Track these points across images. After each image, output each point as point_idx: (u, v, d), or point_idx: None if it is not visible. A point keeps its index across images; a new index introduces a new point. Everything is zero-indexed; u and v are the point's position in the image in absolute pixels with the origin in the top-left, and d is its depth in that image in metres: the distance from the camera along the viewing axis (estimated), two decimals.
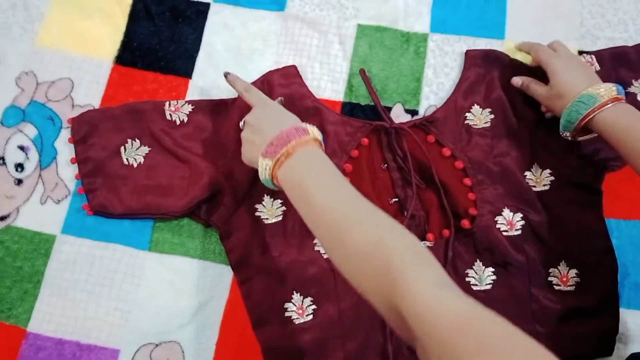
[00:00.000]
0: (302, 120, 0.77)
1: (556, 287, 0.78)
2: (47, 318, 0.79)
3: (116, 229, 0.82)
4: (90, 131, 0.83)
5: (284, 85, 0.87)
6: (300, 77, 0.88)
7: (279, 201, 0.80)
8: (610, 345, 0.77)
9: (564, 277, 0.79)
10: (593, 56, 0.89)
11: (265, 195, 0.81)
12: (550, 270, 0.79)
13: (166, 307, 0.79)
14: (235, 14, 0.94)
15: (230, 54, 0.90)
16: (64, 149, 0.86)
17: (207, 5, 0.94)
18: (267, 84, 0.87)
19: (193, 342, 0.78)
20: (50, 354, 0.77)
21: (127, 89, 0.87)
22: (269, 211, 0.80)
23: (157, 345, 0.78)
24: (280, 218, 0.80)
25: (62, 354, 0.77)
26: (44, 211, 0.83)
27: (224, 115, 0.85)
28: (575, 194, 0.81)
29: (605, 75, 0.85)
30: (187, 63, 0.91)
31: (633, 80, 0.87)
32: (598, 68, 0.88)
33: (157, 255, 0.81)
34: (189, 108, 0.85)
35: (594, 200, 0.82)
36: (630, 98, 0.86)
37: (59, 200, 0.83)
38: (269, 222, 0.80)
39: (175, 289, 0.80)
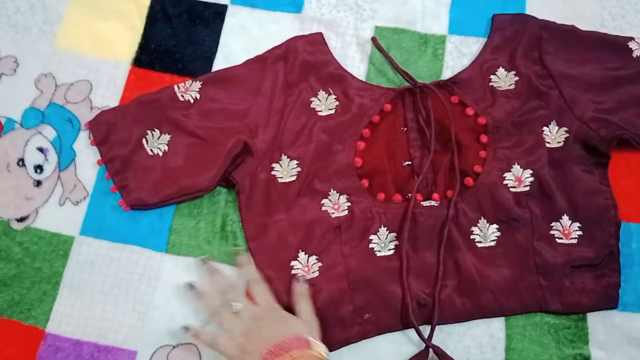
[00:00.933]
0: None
1: (558, 240, 0.80)
2: (65, 319, 0.79)
3: (134, 230, 0.82)
4: (109, 130, 0.84)
5: (309, 52, 0.88)
6: (326, 44, 0.90)
7: (295, 162, 0.82)
8: (615, 298, 0.78)
9: (565, 230, 0.80)
10: None
11: (283, 154, 0.83)
12: (553, 224, 0.80)
13: (182, 309, 0.79)
14: (252, 15, 0.94)
15: (247, 55, 0.90)
16: (83, 150, 0.86)
17: (225, 7, 0.94)
18: (292, 49, 0.88)
19: None
20: (69, 354, 0.78)
21: (144, 90, 0.87)
22: (285, 170, 0.82)
23: (174, 347, 0.78)
24: (294, 178, 0.82)
25: (80, 354, 0.78)
26: (62, 212, 0.83)
27: (235, 79, 0.87)
28: (584, 153, 0.83)
29: None
30: (204, 65, 0.91)
31: None
32: None
33: (173, 257, 0.82)
34: (198, 85, 0.86)
35: (601, 161, 0.83)
36: None
37: (77, 202, 0.84)
38: (283, 181, 0.82)
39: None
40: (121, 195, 0.82)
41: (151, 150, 0.83)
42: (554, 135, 0.83)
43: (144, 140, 0.84)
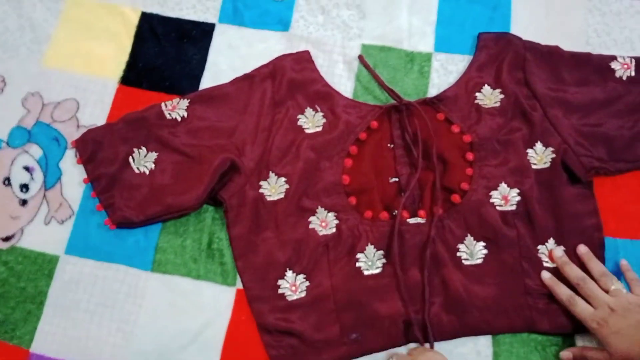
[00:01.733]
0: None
1: (545, 264, 0.79)
2: (50, 339, 0.79)
3: (119, 249, 0.82)
4: (95, 149, 0.84)
5: (296, 70, 0.89)
6: (313, 62, 0.90)
7: (283, 179, 0.82)
8: None
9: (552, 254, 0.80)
10: (633, 59, 0.89)
11: (271, 172, 0.82)
12: (539, 247, 0.80)
13: (168, 328, 0.79)
14: (240, 34, 0.94)
15: (235, 73, 0.90)
16: (69, 169, 0.86)
17: (213, 25, 0.95)
18: (279, 67, 0.88)
19: None
20: None
21: (132, 109, 0.87)
22: (273, 188, 0.82)
23: None
24: (282, 195, 0.82)
25: None
26: (48, 232, 0.83)
27: (222, 97, 0.87)
28: (570, 174, 0.83)
29: (638, 82, 0.87)
30: (192, 83, 0.91)
31: None
32: (633, 74, 0.88)
33: (159, 276, 0.81)
34: (185, 103, 0.87)
35: (587, 182, 0.83)
36: None
37: (62, 221, 0.83)
38: (271, 199, 0.82)
39: (177, 310, 0.80)
40: (107, 213, 0.82)
41: (138, 168, 0.83)
42: (540, 156, 0.83)
43: (130, 159, 0.84)
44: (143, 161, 0.84)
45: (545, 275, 0.78)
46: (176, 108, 0.86)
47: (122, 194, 0.82)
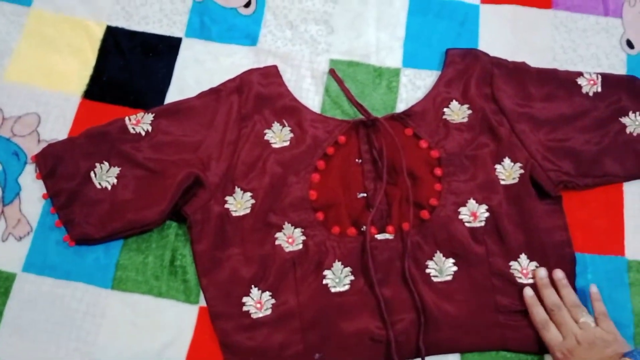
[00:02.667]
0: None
1: (518, 280, 0.79)
2: (7, 359, 0.76)
3: (78, 266, 0.80)
4: (56, 164, 0.82)
5: (263, 84, 0.88)
6: (281, 77, 0.89)
7: (249, 194, 0.81)
8: None
9: (524, 269, 0.79)
10: (599, 75, 0.89)
11: (236, 187, 0.81)
12: (511, 263, 0.79)
13: (128, 348, 0.77)
14: (207, 48, 0.93)
15: (201, 88, 0.89)
16: (28, 184, 0.84)
17: (179, 40, 0.94)
18: (246, 82, 0.87)
19: None
20: None
21: (94, 123, 0.86)
22: (238, 203, 0.81)
23: None
24: (247, 211, 0.80)
25: None
26: (5, 248, 0.81)
27: (188, 111, 0.86)
28: (539, 190, 0.83)
29: (604, 98, 0.88)
30: (157, 97, 0.90)
31: (630, 112, 0.88)
32: (599, 89, 0.88)
33: (119, 294, 0.79)
34: (150, 117, 0.85)
35: (556, 197, 0.83)
36: (619, 128, 0.86)
37: (20, 237, 0.81)
38: (236, 214, 0.80)
39: (138, 329, 0.78)
40: (66, 229, 0.80)
41: (99, 183, 0.82)
42: (508, 172, 0.83)
43: (92, 174, 0.82)
44: (105, 176, 0.82)
45: (528, 293, 0.77)
46: (140, 122, 0.85)
47: (82, 209, 0.80)
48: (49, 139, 0.86)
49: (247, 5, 0.96)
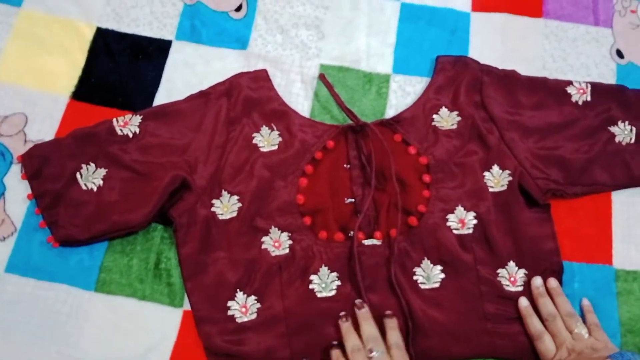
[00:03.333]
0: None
1: (505, 287, 0.78)
2: None
3: (62, 268, 0.79)
4: (42, 164, 0.82)
5: (253, 88, 0.88)
6: (270, 81, 0.89)
7: (236, 197, 0.80)
8: None
9: (512, 277, 0.79)
10: (589, 85, 0.89)
11: (223, 190, 0.81)
12: (499, 271, 0.79)
13: (111, 351, 0.76)
14: (197, 52, 0.93)
15: (190, 91, 0.88)
16: (14, 184, 0.83)
17: (169, 42, 0.93)
18: (236, 85, 0.87)
19: None
20: None
21: (82, 124, 0.85)
22: (225, 207, 0.80)
23: None
24: (234, 214, 0.80)
25: None
26: None
27: (176, 114, 0.86)
28: (527, 197, 0.82)
29: (594, 107, 0.88)
30: (145, 99, 0.89)
31: (619, 122, 0.88)
32: (589, 98, 0.88)
33: (103, 297, 0.78)
34: (138, 119, 0.85)
35: (544, 205, 0.83)
36: (608, 137, 0.86)
37: (4, 238, 0.80)
38: (223, 217, 0.80)
39: (121, 332, 0.77)
40: (50, 230, 0.80)
41: (85, 184, 0.81)
42: (497, 179, 0.83)
43: (78, 175, 0.81)
44: (91, 177, 0.81)
45: (523, 304, 0.77)
46: (128, 124, 0.84)
47: (67, 211, 0.80)
48: (36, 140, 0.86)
49: (238, 9, 0.96)
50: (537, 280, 0.78)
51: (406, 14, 0.97)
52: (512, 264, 0.79)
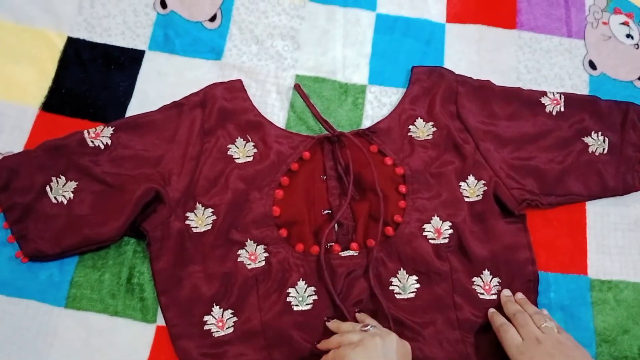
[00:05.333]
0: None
1: (480, 296, 0.78)
2: None
3: (31, 283, 0.77)
4: (10, 177, 0.80)
5: (227, 99, 0.87)
6: (245, 91, 0.88)
7: (210, 210, 0.79)
8: None
9: (486, 285, 0.79)
10: (562, 95, 0.90)
11: (198, 202, 0.79)
12: (474, 279, 0.79)
13: None
14: (170, 62, 0.92)
15: (163, 101, 0.87)
16: None
17: (142, 52, 0.92)
18: (210, 96, 0.86)
19: None
20: None
21: (52, 136, 0.83)
22: (200, 219, 0.79)
23: None
24: (209, 227, 0.78)
25: None
26: None
27: (150, 125, 0.84)
28: (502, 207, 0.83)
29: (567, 118, 0.88)
30: (118, 110, 0.88)
31: (593, 132, 0.88)
32: (563, 109, 0.89)
33: (73, 313, 0.76)
34: (110, 130, 0.83)
35: (520, 215, 0.83)
36: (581, 147, 0.87)
37: None
38: (197, 230, 0.79)
39: (92, 350, 0.75)
40: (19, 245, 0.78)
41: (55, 198, 0.79)
42: (472, 189, 0.83)
43: (47, 188, 0.79)
44: (61, 190, 0.79)
45: (490, 310, 0.78)
46: (99, 135, 0.82)
47: (36, 224, 0.78)
48: (4, 152, 0.83)
49: (212, 19, 0.95)
50: (506, 291, 0.79)
51: (381, 25, 0.97)
52: (486, 272, 0.80)
